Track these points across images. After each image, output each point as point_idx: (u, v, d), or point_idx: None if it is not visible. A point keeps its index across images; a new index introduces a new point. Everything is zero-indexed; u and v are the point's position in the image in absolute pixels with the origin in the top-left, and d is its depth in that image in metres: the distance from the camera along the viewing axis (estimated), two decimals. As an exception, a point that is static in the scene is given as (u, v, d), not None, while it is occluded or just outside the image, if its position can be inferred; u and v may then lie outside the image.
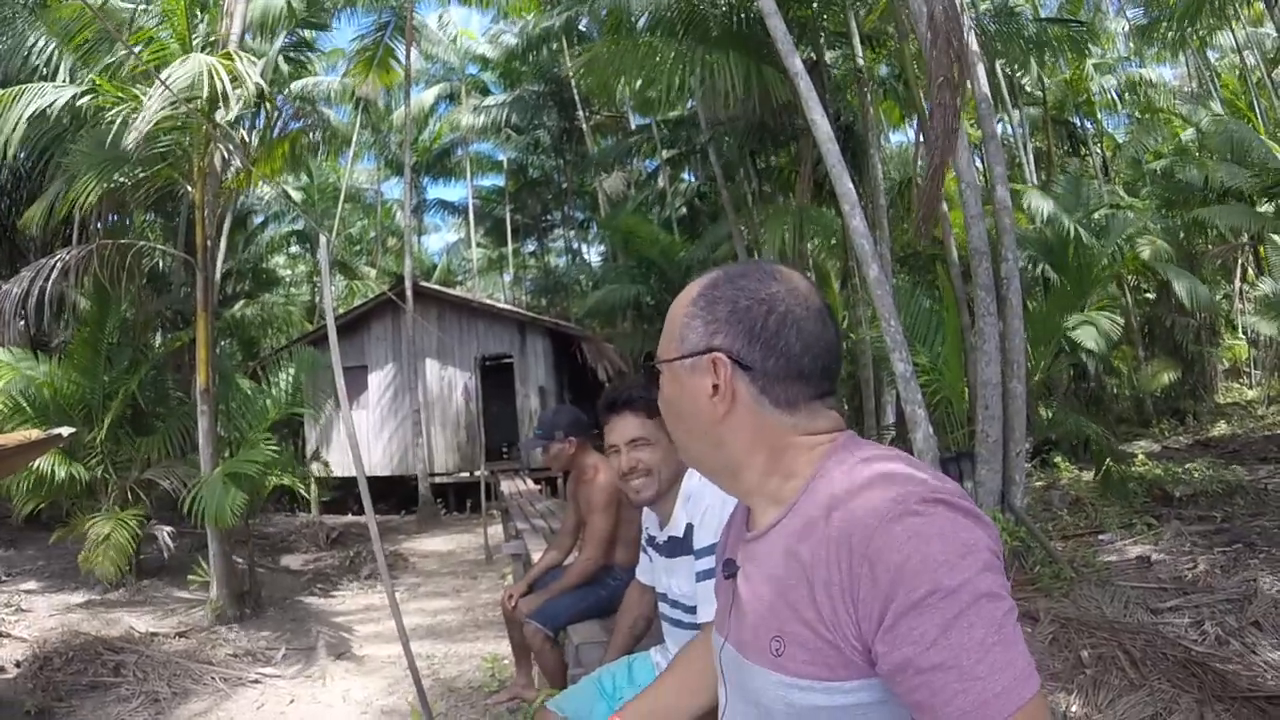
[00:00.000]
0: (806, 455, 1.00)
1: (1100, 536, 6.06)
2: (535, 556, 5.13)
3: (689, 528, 2.37)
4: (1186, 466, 8.06)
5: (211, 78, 5.53)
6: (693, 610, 2.16)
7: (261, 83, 6.07)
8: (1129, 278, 10.40)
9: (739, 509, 1.19)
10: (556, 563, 3.99)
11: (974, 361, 6.03)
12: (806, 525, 0.95)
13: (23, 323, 6.07)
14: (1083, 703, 3.30)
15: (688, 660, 1.43)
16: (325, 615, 7.33)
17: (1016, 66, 7.78)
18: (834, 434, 1.02)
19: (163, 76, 5.32)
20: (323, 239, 4.00)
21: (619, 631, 2.97)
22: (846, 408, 9.92)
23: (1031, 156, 13.68)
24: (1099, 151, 15.36)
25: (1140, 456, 8.12)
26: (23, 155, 5.92)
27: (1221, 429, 11.87)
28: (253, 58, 5.97)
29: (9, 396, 6.97)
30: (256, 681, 5.51)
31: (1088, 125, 15.17)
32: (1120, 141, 15.49)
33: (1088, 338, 6.73)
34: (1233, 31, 12.96)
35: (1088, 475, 8.09)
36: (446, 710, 4.93)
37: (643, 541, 2.72)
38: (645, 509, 2.59)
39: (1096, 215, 8.78)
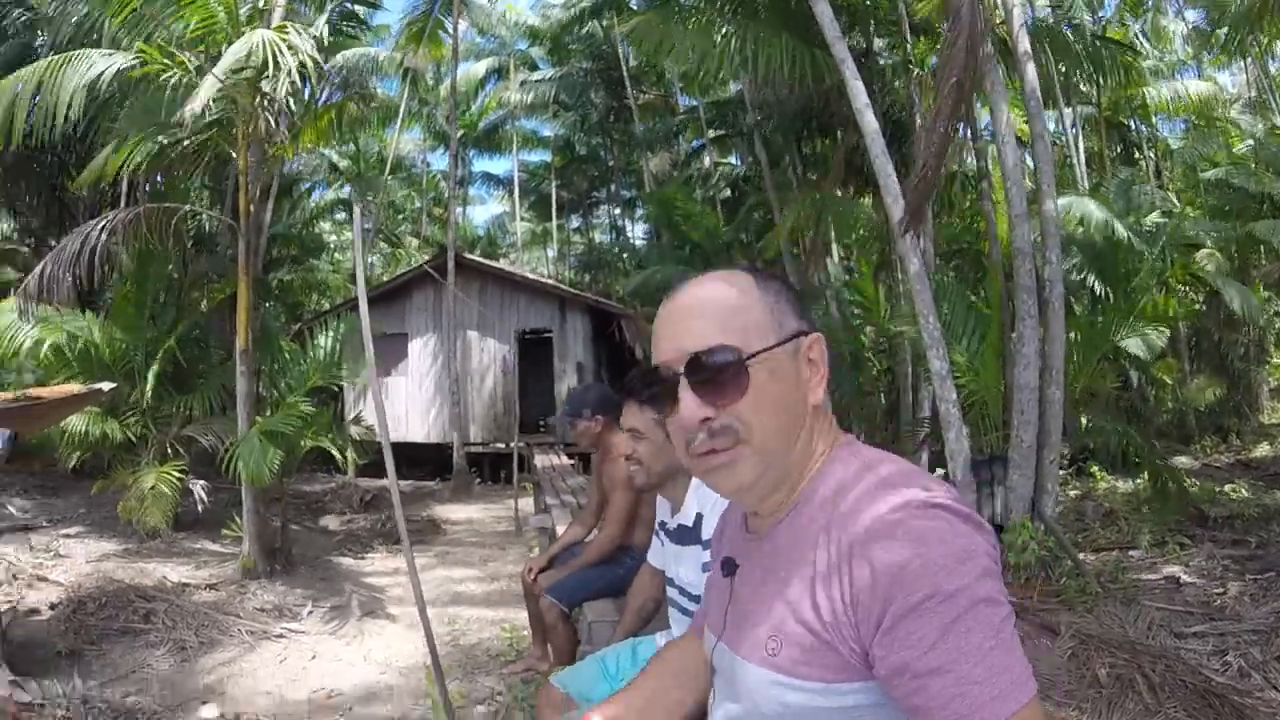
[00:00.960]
0: (823, 452, 1.01)
1: (1131, 552, 5.92)
2: (560, 531, 5.19)
3: (699, 517, 2.38)
4: (1225, 487, 7.84)
5: (268, 51, 5.61)
6: (698, 599, 2.17)
7: (315, 55, 6.14)
8: (1178, 287, 10.09)
9: (735, 510, 1.19)
10: (579, 539, 4.04)
11: (1012, 364, 5.92)
12: (807, 525, 0.96)
13: (71, 281, 6.25)
14: (1094, 724, 3.25)
15: (663, 664, 1.38)
16: (354, 575, 7.49)
17: (1072, 67, 7.51)
18: (843, 432, 1.04)
19: (227, 55, 5.44)
20: (356, 210, 4.04)
21: (628, 612, 3.01)
22: (883, 401, 9.81)
23: (1083, 157, 13.31)
24: (1152, 156, 14.87)
25: (1180, 472, 7.91)
26: (73, 118, 6.03)
27: (1265, 450, 11.51)
28: (299, 29, 6.03)
29: (56, 351, 7.22)
30: (281, 636, 5.66)
31: (1142, 129, 14.69)
32: (1174, 147, 15.00)
33: (1134, 345, 6.53)
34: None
35: (1124, 486, 7.90)
36: (463, 675, 5.02)
37: (655, 526, 2.74)
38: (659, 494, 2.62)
39: (1147, 221, 8.52)
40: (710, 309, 0.97)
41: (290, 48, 5.82)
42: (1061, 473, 8.40)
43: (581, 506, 6.59)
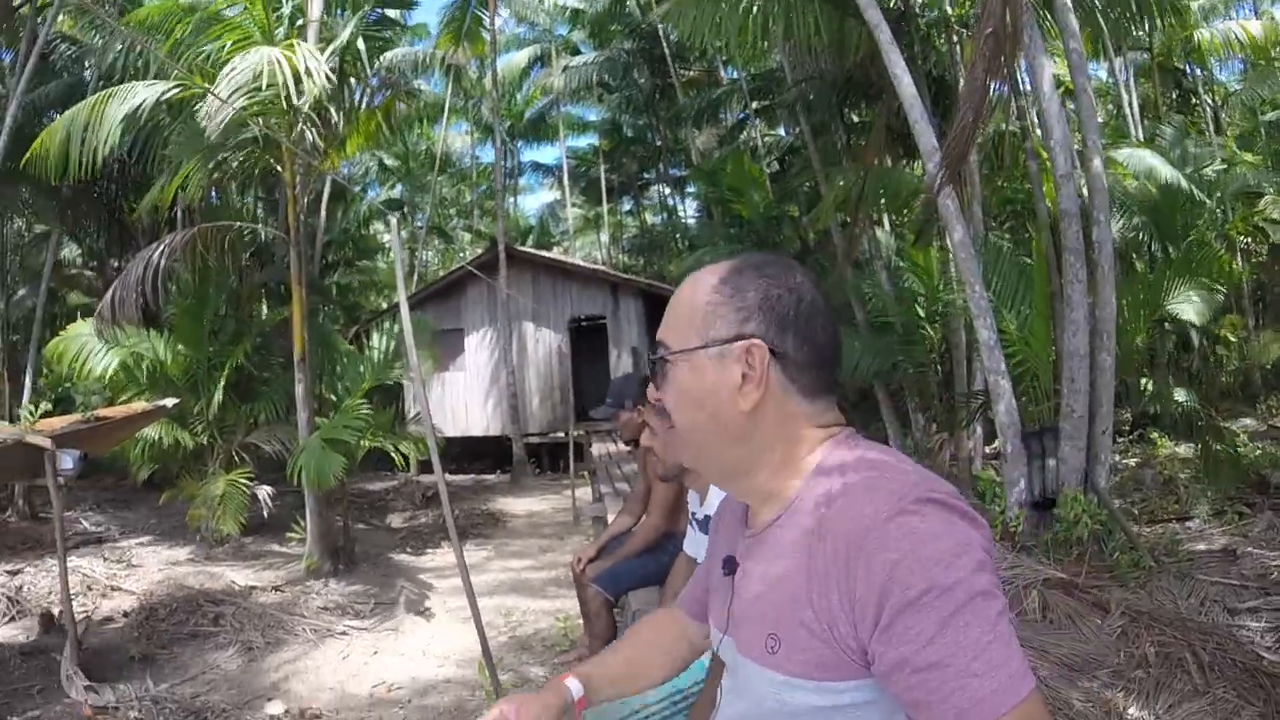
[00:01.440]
0: (809, 451, 1.02)
1: (1188, 523, 5.65)
2: (611, 519, 5.26)
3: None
4: (1290, 450, 7.33)
5: (276, 69, 5.76)
6: None
7: (325, 69, 6.26)
8: (1240, 239, 9.46)
9: (733, 505, 1.21)
10: (627, 528, 4.10)
11: (1061, 331, 5.70)
12: (804, 522, 0.97)
13: (137, 302, 6.59)
14: (1141, 704, 3.13)
15: (637, 635, 1.47)
16: (415, 572, 7.71)
17: (1120, 12, 7.08)
18: (837, 428, 1.04)
19: (225, 72, 5.59)
20: (393, 219, 4.15)
21: (665, 600, 3.05)
22: (939, 372, 9.57)
23: (1137, 107, 12.59)
24: (1209, 102, 13.95)
25: (1241, 436, 7.47)
26: (126, 144, 6.33)
27: (1336, 409, 10.81)
28: (313, 50, 6.15)
29: (124, 369, 7.60)
30: (344, 633, 5.89)
31: (1197, 72, 13.77)
32: (1232, 90, 14.03)
33: (1188, 310, 6.16)
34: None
35: (1185, 453, 7.52)
36: (518, 664, 5.16)
37: (689, 515, 2.79)
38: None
39: (1206, 171, 8.01)
40: (673, 305, 1.06)
41: (295, 68, 5.94)
42: (1121, 440, 8.07)
43: (633, 493, 6.65)
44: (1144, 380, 6.98)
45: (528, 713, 1.20)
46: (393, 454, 8.14)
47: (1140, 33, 10.61)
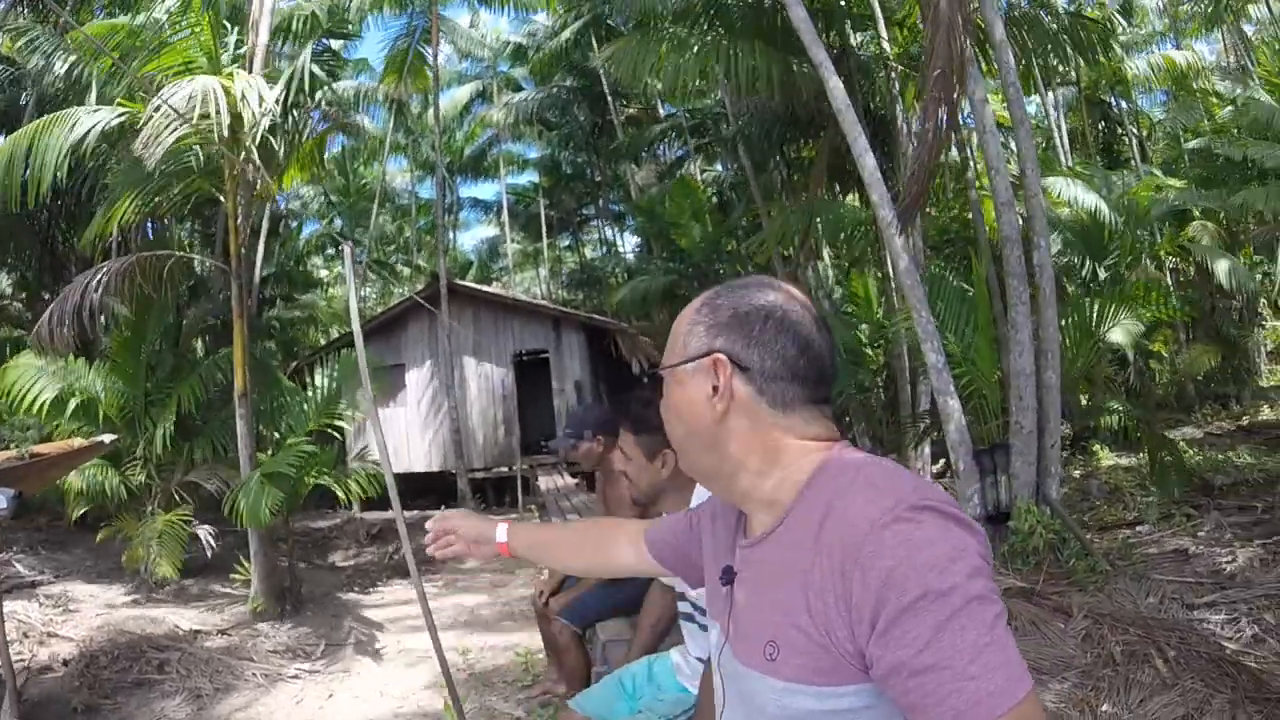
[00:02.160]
0: (800, 461, 1.02)
1: (1138, 528, 5.90)
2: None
3: None
4: (1228, 454, 7.81)
5: (211, 98, 5.67)
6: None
7: (268, 98, 6.17)
8: (1168, 260, 10.06)
9: (724, 511, 1.21)
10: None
11: (1007, 351, 5.93)
12: (800, 531, 0.97)
13: (72, 331, 6.30)
14: (1113, 702, 3.23)
15: (599, 530, 1.60)
16: (364, 611, 7.48)
17: (1050, 55, 7.52)
18: (828, 442, 1.04)
19: (161, 96, 5.48)
20: (346, 248, 4.06)
21: (641, 630, 3.02)
22: (883, 395, 9.83)
23: (1066, 138, 13.32)
24: (1135, 132, 14.89)
25: (1181, 444, 7.89)
26: (61, 176, 6.09)
27: (1266, 414, 11.52)
28: (255, 80, 6.06)
29: (56, 403, 7.23)
30: (296, 677, 5.65)
31: (1123, 105, 14.68)
32: (1156, 120, 15.00)
33: (1119, 334, 6.52)
34: (1269, 3, 12.46)
35: (1127, 462, 7.89)
36: (480, 704, 4.99)
37: None
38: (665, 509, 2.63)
39: (1134, 195, 8.51)
40: (672, 330, 1.12)
41: (233, 98, 5.85)
42: (1064, 454, 8.38)
43: (587, 525, 6.59)
44: (1083, 396, 7.28)
45: (467, 522, 1.53)
46: (337, 490, 7.91)
47: (1066, 69, 11.28)
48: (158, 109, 5.72)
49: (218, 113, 5.81)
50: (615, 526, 1.57)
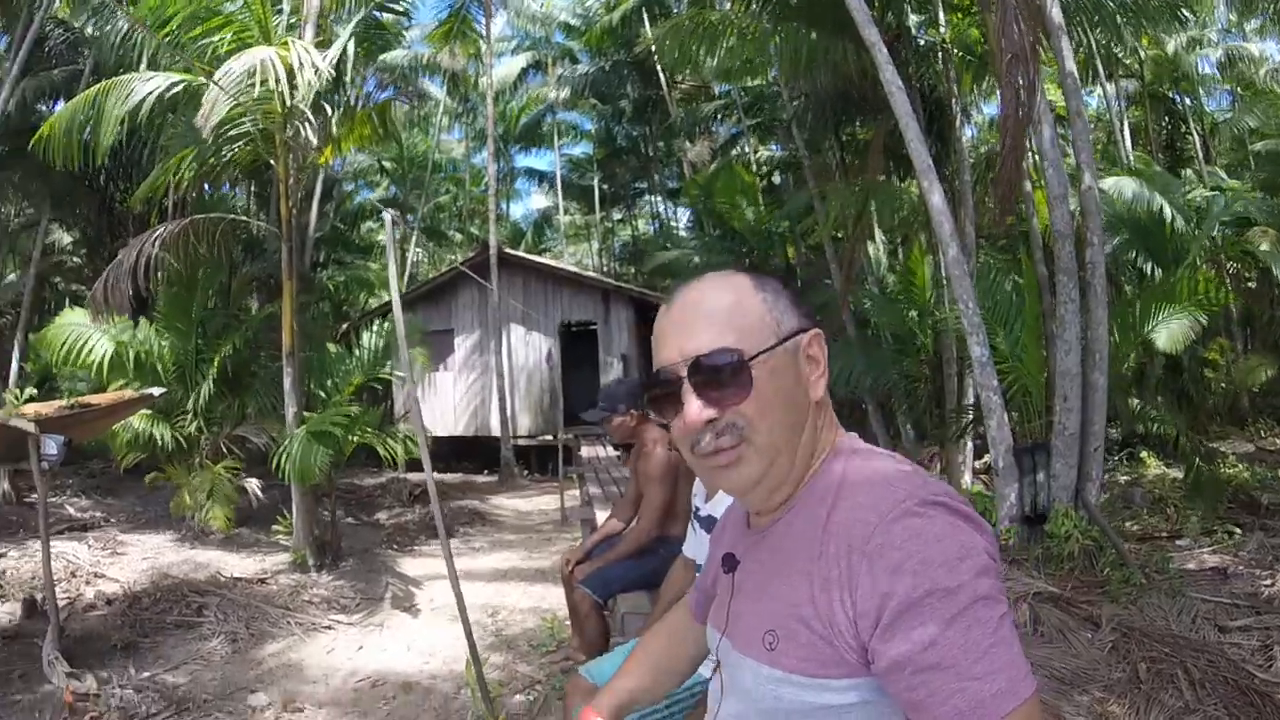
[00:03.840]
0: (817, 452, 1.02)
1: (1178, 541, 5.72)
2: (600, 522, 5.26)
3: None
4: (1278, 472, 7.48)
5: (270, 68, 5.77)
6: None
7: (323, 66, 6.26)
8: (1229, 265, 9.61)
9: (735, 512, 1.21)
10: (616, 531, 4.09)
11: (1054, 350, 5.78)
12: (806, 522, 0.97)
13: (129, 291, 6.55)
14: (1132, 719, 3.16)
15: (649, 645, 1.45)
16: (402, 568, 7.67)
17: (1111, 38, 7.17)
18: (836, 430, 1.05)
19: (221, 71, 5.60)
20: (386, 216, 4.15)
21: (660, 604, 3.05)
22: (929, 386, 9.65)
23: (1128, 133, 12.78)
24: (1198, 130, 14.17)
25: (1230, 457, 7.58)
26: (123, 134, 6.31)
27: (1325, 432, 10.98)
28: (309, 48, 6.15)
29: (111, 358, 7.53)
30: (329, 628, 5.83)
31: (1186, 101, 13.97)
32: (1221, 120, 14.26)
33: (1161, 337, 6.25)
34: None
35: (1175, 473, 7.63)
36: (504, 664, 5.12)
37: (690, 513, 2.79)
38: (696, 480, 2.64)
39: (1193, 196, 8.13)
40: (710, 311, 0.98)
41: (289, 66, 5.95)
42: (1111, 459, 8.14)
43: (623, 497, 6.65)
44: (1132, 400, 7.05)
45: None
46: (381, 451, 8.10)
47: (1127, 54, 10.77)
48: (218, 83, 5.87)
49: (277, 82, 5.93)
50: (665, 627, 1.44)
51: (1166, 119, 14.50)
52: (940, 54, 8.65)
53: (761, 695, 0.97)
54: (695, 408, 0.95)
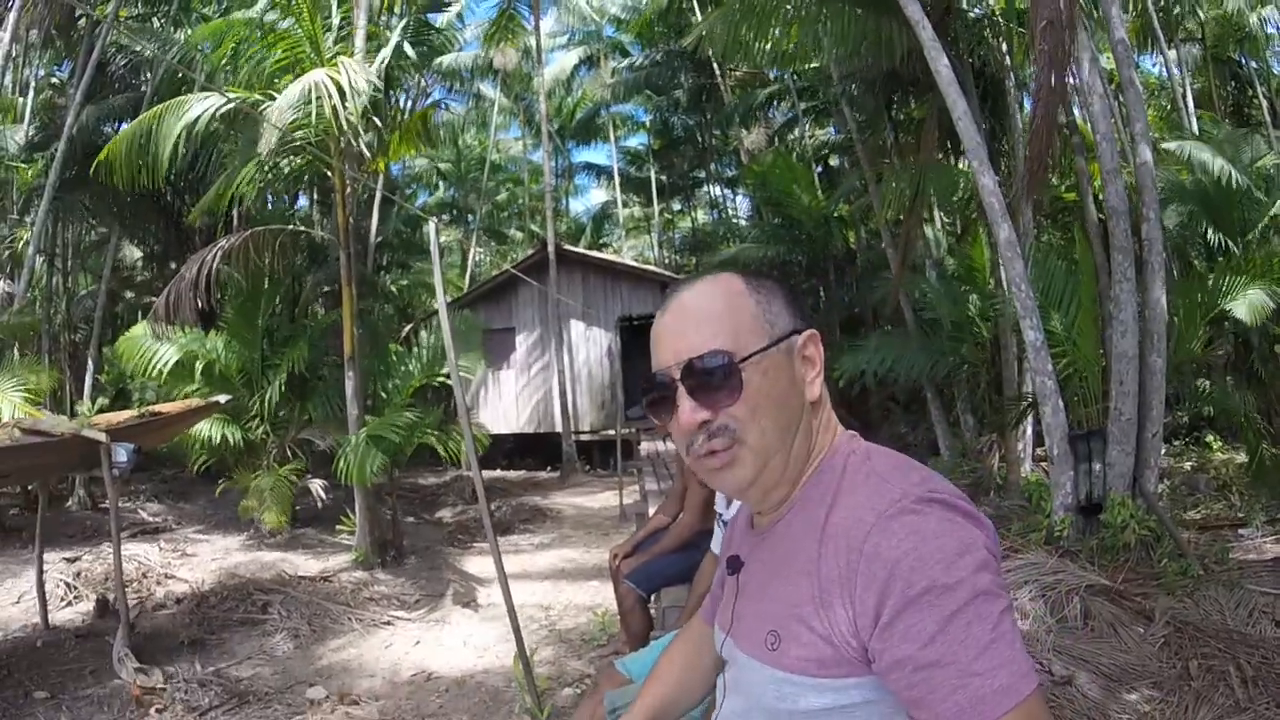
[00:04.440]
0: (828, 444, 1.03)
1: (1240, 531, 5.42)
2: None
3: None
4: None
5: (323, 91, 5.98)
6: None
7: (374, 79, 6.45)
8: None
9: (742, 515, 1.23)
10: (663, 525, 4.11)
11: (1110, 332, 5.54)
12: (806, 522, 0.98)
13: (193, 302, 6.88)
14: (1179, 718, 3.03)
15: (671, 658, 1.44)
16: (460, 565, 7.86)
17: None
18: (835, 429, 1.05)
19: (279, 101, 5.83)
20: (431, 225, 4.27)
21: (693, 597, 3.09)
22: (989, 373, 9.38)
23: (1191, 101, 12.02)
24: (1265, 93, 13.19)
25: (1280, 446, 7.14)
26: (184, 151, 6.64)
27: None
28: (358, 65, 6.35)
29: (179, 366, 7.93)
30: (389, 624, 6.05)
31: (1252, 64, 13.02)
32: None
33: (1241, 308, 5.87)
34: None
35: (1242, 458, 7.21)
36: (555, 658, 5.23)
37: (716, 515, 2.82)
38: None
39: (1263, 163, 7.63)
40: (703, 314, 0.99)
41: (340, 87, 6.15)
42: (1176, 443, 7.74)
43: (670, 492, 6.66)
44: (1200, 381, 6.69)
45: None
46: (440, 450, 8.31)
47: (1181, 15, 10.09)
48: (277, 109, 6.13)
49: (330, 98, 6.16)
50: (685, 640, 1.44)
51: (1232, 83, 13.60)
52: (991, 26, 8.35)
53: (765, 695, 0.98)
54: (688, 410, 0.97)
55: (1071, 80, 6.80)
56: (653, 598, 3.98)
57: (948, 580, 0.81)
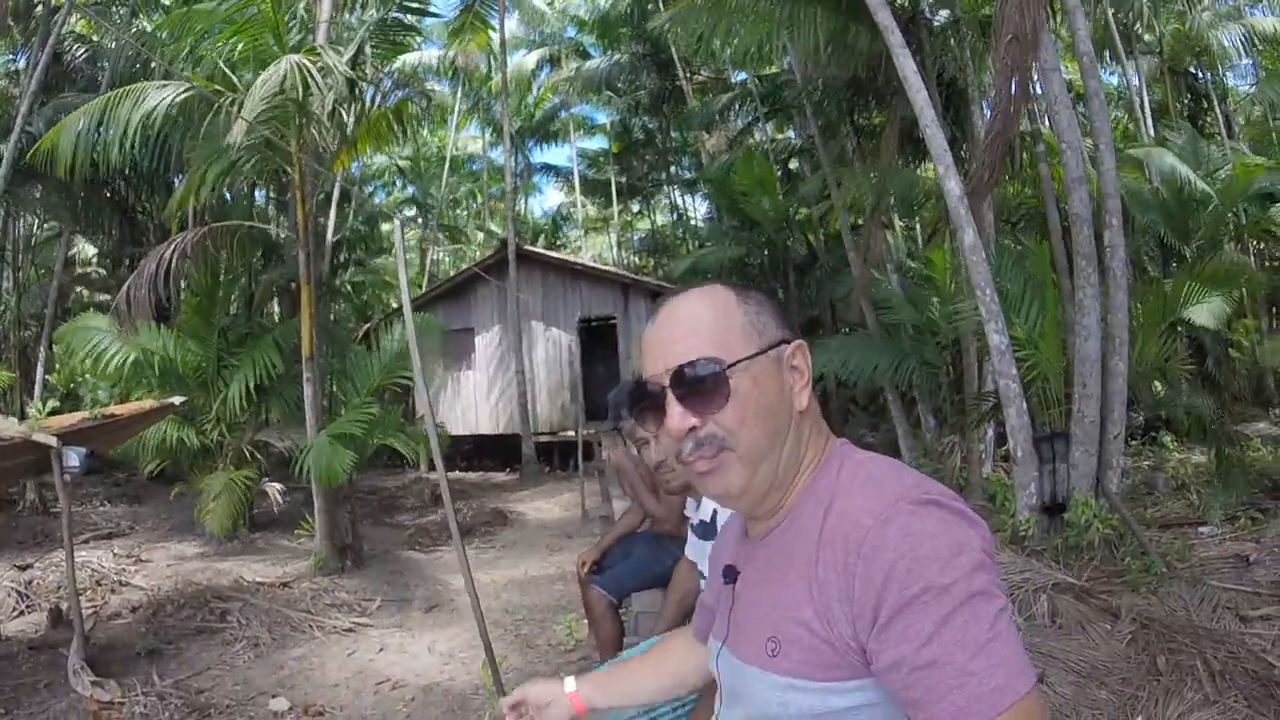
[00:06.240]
0: (820, 453, 1.04)
1: (1201, 529, 5.60)
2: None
3: (714, 513, 2.44)
4: (1305, 456, 7.23)
5: (299, 76, 5.81)
6: None
7: (348, 71, 6.30)
8: (1254, 244, 9.32)
9: (733, 524, 1.21)
10: (632, 528, 4.07)
11: (1073, 336, 5.68)
12: (803, 528, 0.98)
13: (151, 299, 6.64)
14: (1149, 715, 3.09)
15: (663, 652, 1.46)
16: (422, 570, 7.72)
17: (1130, 14, 6.99)
18: (827, 436, 1.06)
19: (258, 83, 5.65)
20: (396, 221, 4.18)
21: (669, 604, 3.07)
22: (949, 375, 9.54)
23: (1149, 111, 12.43)
24: (1221, 107, 13.73)
25: (1255, 440, 7.39)
26: (133, 148, 6.39)
27: (1352, 414, 10.65)
28: (338, 49, 6.20)
29: (134, 365, 7.66)
30: (350, 630, 5.90)
31: (1208, 77, 13.55)
32: (1244, 94, 13.81)
33: (1202, 314, 6.07)
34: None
35: (1198, 458, 7.48)
36: (523, 665, 5.15)
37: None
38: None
39: (1219, 174, 7.93)
40: (692, 323, 1.00)
41: (321, 69, 5.99)
42: (1134, 443, 7.98)
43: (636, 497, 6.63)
44: (1156, 384, 6.90)
45: (534, 690, 1.37)
46: (401, 450, 8.16)
47: (1147, 30, 10.44)
48: (250, 97, 5.93)
49: (302, 88, 5.98)
50: (674, 641, 1.47)
51: (1188, 95, 14.12)
52: (956, 34, 8.51)
53: (767, 702, 0.98)
54: (677, 416, 0.98)
55: (1037, 90, 6.98)
56: (623, 603, 3.94)
57: (944, 581, 0.82)
